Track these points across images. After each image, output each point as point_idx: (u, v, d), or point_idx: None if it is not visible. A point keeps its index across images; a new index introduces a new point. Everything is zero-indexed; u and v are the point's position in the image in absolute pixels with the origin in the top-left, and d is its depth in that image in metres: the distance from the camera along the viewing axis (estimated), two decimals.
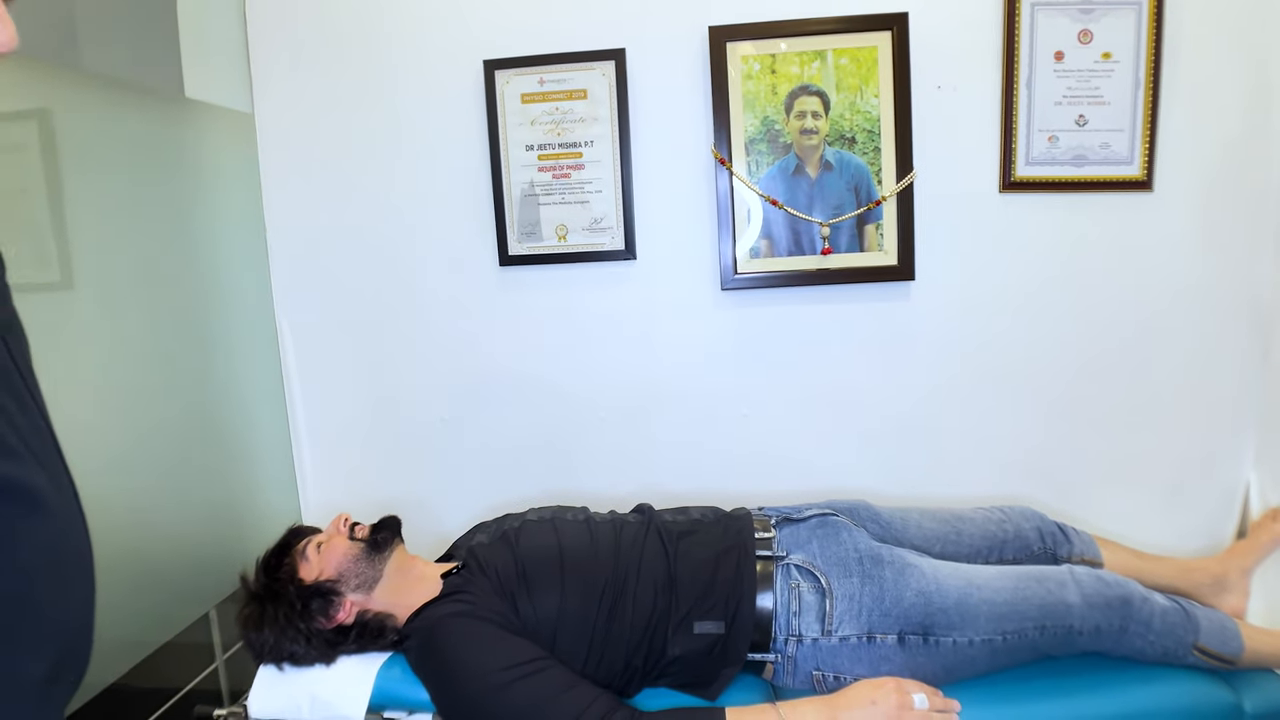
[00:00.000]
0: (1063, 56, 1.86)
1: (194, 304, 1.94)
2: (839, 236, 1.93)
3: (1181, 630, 1.30)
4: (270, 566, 1.38)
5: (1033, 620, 1.28)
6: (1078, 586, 1.31)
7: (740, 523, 1.43)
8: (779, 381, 2.01)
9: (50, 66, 1.63)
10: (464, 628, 1.26)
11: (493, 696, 1.19)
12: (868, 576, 1.30)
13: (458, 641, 1.25)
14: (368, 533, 1.41)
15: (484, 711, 1.20)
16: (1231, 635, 1.32)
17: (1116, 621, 1.29)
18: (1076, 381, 1.95)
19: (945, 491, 1.93)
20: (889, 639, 1.27)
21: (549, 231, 1.99)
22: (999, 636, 1.27)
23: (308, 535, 1.43)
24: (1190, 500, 1.93)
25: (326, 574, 1.35)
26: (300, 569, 1.36)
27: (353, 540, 1.39)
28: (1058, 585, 1.31)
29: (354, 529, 1.41)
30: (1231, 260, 1.88)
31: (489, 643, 1.24)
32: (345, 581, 1.35)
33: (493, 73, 1.94)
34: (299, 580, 1.34)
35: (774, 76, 1.90)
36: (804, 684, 1.31)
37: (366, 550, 1.37)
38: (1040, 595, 1.30)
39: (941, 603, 1.28)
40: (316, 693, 1.33)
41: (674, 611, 1.30)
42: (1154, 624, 1.30)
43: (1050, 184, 1.90)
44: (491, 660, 1.22)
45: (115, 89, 1.79)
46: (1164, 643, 1.30)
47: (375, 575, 1.36)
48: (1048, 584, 1.32)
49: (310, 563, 1.36)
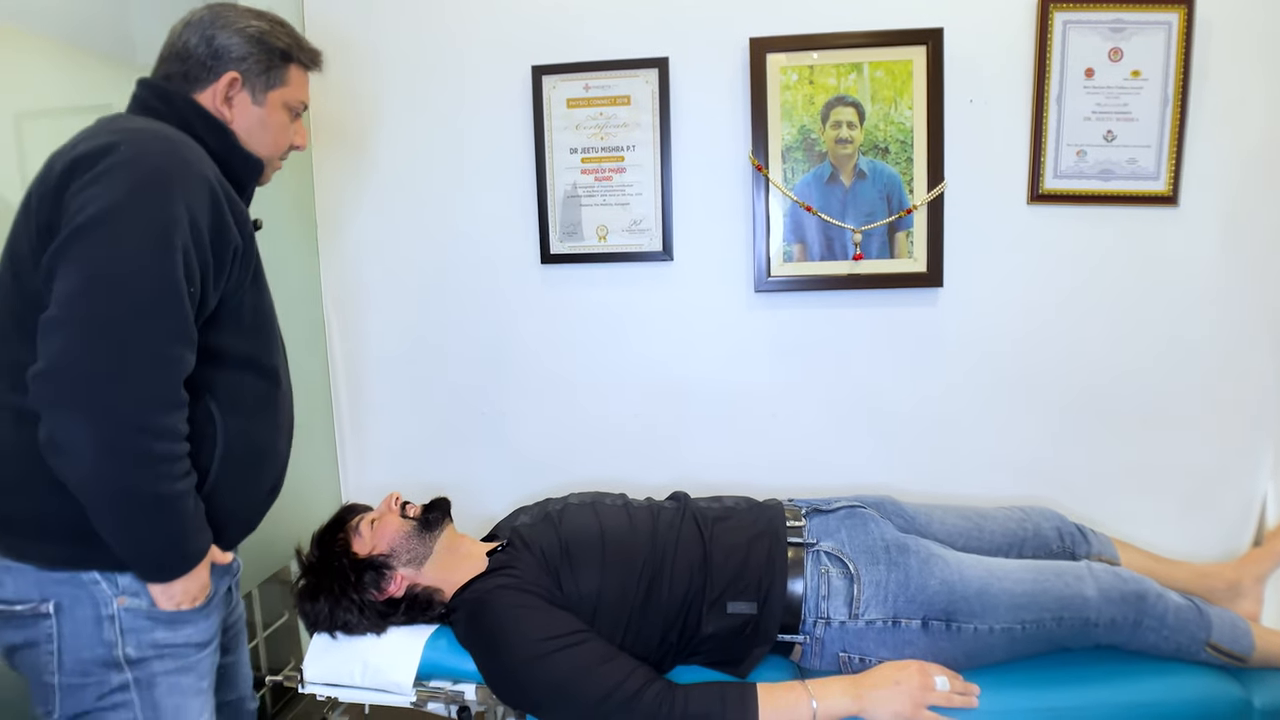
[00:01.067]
0: (1093, 73, 1.92)
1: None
2: (870, 243, 2.00)
3: (1195, 627, 1.36)
4: (325, 541, 1.45)
5: (1051, 611, 1.34)
6: (1095, 581, 1.37)
7: (772, 511, 1.50)
8: (808, 381, 2.08)
9: (109, 60, 1.70)
10: (510, 599, 1.33)
11: (535, 665, 1.27)
12: (894, 564, 1.37)
13: (503, 612, 1.32)
14: (419, 512, 1.48)
15: (527, 679, 1.28)
16: (1243, 634, 1.37)
17: (1131, 615, 1.35)
18: (1098, 389, 2.00)
19: (967, 492, 1.99)
20: (913, 624, 1.34)
21: (590, 232, 2.07)
22: (1018, 625, 1.33)
23: (360, 512, 1.51)
24: (1208, 508, 1.98)
25: (379, 549, 1.42)
26: (354, 544, 1.43)
27: (404, 519, 1.46)
28: (1075, 579, 1.37)
29: (405, 507, 1.49)
30: (1253, 276, 1.93)
31: (533, 614, 1.31)
32: (397, 557, 1.42)
33: (540, 78, 2.03)
34: (353, 554, 1.42)
35: (811, 87, 1.97)
36: (830, 665, 1.38)
37: (418, 528, 1.45)
38: (1058, 588, 1.36)
39: (964, 591, 1.34)
40: (368, 660, 1.41)
41: (708, 591, 1.37)
42: (1168, 619, 1.35)
43: (1077, 197, 1.95)
44: (535, 630, 1.29)
45: None
46: (1177, 638, 1.35)
47: (425, 552, 1.44)
48: (1066, 577, 1.38)
49: (364, 538, 1.44)
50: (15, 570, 1.03)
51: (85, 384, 0.93)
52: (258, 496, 1.21)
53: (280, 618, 2.38)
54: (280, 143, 1.24)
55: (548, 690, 1.27)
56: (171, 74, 1.17)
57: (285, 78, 1.21)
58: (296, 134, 1.27)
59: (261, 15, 1.21)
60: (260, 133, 1.20)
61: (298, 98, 1.24)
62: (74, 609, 1.04)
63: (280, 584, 2.44)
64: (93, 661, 1.04)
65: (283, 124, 1.23)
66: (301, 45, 1.23)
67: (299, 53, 1.22)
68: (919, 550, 1.39)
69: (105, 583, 1.05)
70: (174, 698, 1.09)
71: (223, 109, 1.17)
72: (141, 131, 1.05)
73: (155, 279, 0.96)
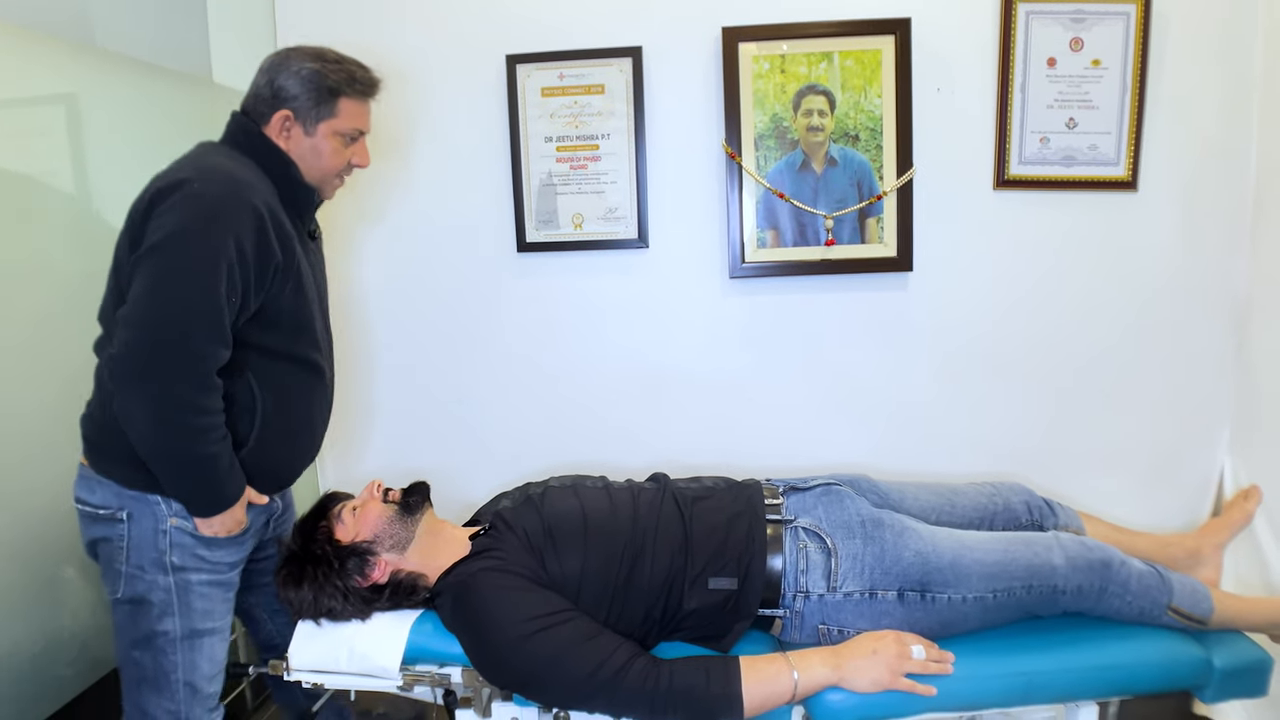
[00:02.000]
0: (1055, 62, 1.97)
1: None
2: (842, 229, 2.04)
3: (1157, 592, 1.41)
4: (307, 530, 1.45)
5: (1020, 580, 1.39)
6: (1062, 550, 1.42)
7: (750, 490, 1.53)
8: (783, 365, 2.11)
9: (75, 48, 1.68)
10: (495, 580, 1.35)
11: (521, 645, 1.29)
12: (870, 538, 1.41)
13: (488, 593, 1.34)
14: (400, 496, 1.49)
15: (513, 659, 1.29)
16: (1203, 597, 1.43)
17: (1097, 582, 1.40)
18: (1064, 369, 2.06)
19: (939, 470, 2.04)
20: (889, 595, 1.37)
21: (565, 220, 2.09)
22: (990, 594, 1.38)
23: (342, 500, 1.51)
24: (1169, 482, 2.06)
25: (362, 535, 1.43)
26: (336, 530, 1.44)
27: (386, 503, 1.47)
28: (1044, 548, 1.42)
29: (387, 493, 1.49)
30: (1210, 258, 2.00)
31: (518, 594, 1.33)
32: (380, 542, 1.43)
33: (514, 67, 2.04)
34: (336, 541, 1.42)
35: (783, 76, 2.00)
36: (810, 637, 1.41)
37: (399, 512, 1.46)
38: (1028, 557, 1.40)
39: (937, 562, 1.38)
40: (354, 645, 1.41)
41: (690, 569, 1.40)
42: (1131, 585, 1.40)
43: (1041, 182, 2.01)
44: (520, 610, 1.31)
45: (142, 72, 1.85)
46: (1140, 603, 1.41)
47: (408, 536, 1.45)
48: (1035, 547, 1.42)
49: (346, 525, 1.44)
50: (104, 484, 1.36)
51: (141, 370, 1.23)
52: (290, 460, 1.51)
53: None
54: (333, 165, 1.46)
55: (534, 669, 1.29)
56: (249, 110, 1.43)
57: (335, 110, 1.42)
58: (356, 155, 1.48)
59: (320, 56, 1.42)
60: (313, 159, 1.44)
61: (349, 125, 1.44)
62: (140, 520, 1.35)
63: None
64: (149, 561, 1.36)
65: (335, 149, 1.44)
66: (354, 79, 1.43)
67: (347, 87, 1.42)
68: (894, 524, 1.43)
69: (164, 505, 1.36)
70: (203, 602, 1.40)
71: (281, 140, 1.41)
72: (213, 170, 1.32)
73: (200, 293, 1.24)
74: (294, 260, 1.38)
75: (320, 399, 1.52)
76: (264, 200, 1.32)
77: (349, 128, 1.44)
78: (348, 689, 1.49)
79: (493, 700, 1.44)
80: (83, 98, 1.67)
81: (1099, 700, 1.42)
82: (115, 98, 1.76)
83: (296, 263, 1.39)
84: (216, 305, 1.25)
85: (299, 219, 1.46)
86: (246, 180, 1.32)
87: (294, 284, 1.39)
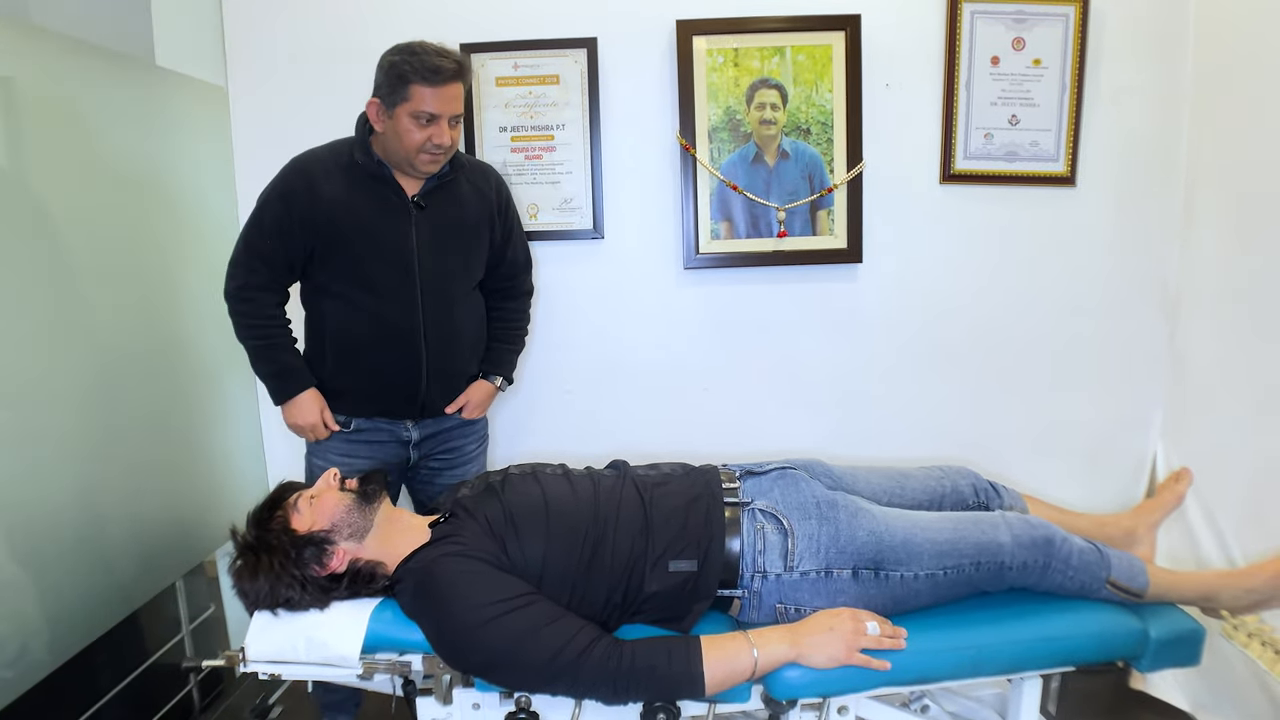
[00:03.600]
0: (998, 61, 2.04)
1: (162, 278, 1.96)
2: (793, 221, 2.07)
3: (1096, 567, 1.47)
4: (262, 520, 1.43)
5: (969, 557, 1.43)
6: (1008, 528, 1.47)
7: (708, 475, 1.55)
8: (737, 355, 2.15)
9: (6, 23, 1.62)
10: (456, 565, 1.34)
11: (483, 629, 1.28)
12: (825, 519, 1.44)
13: (451, 579, 1.33)
14: (357, 485, 1.47)
15: (475, 642, 1.29)
16: (1139, 572, 1.50)
17: (1041, 558, 1.45)
18: (1006, 358, 2.14)
19: (890, 455, 2.08)
20: (845, 574, 1.41)
21: (521, 210, 2.08)
22: (940, 571, 1.42)
23: (298, 490, 1.49)
24: (1106, 465, 2.15)
25: (320, 525, 1.40)
26: (293, 520, 1.41)
27: (343, 491, 1.45)
28: (991, 527, 1.47)
29: (344, 482, 1.48)
30: (1142, 250, 2.09)
31: (479, 579, 1.33)
32: (338, 531, 1.41)
33: (469, 55, 2.02)
34: (292, 531, 1.40)
35: (736, 69, 2.03)
36: (767, 617, 1.43)
37: (357, 501, 1.44)
38: (976, 535, 1.45)
39: (890, 541, 1.42)
40: (312, 635, 1.39)
41: (650, 553, 1.41)
42: (1073, 560, 1.46)
43: (985, 177, 2.07)
44: (482, 595, 1.31)
45: (82, 53, 1.79)
46: (1081, 578, 1.46)
47: (366, 525, 1.43)
48: (982, 525, 1.47)
49: (303, 515, 1.41)
50: None
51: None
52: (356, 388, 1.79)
53: (206, 610, 2.32)
54: (410, 143, 1.63)
55: (497, 653, 1.29)
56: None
57: (408, 94, 1.60)
58: (436, 135, 1.63)
59: (405, 49, 1.62)
60: (392, 139, 1.65)
61: (419, 108, 1.61)
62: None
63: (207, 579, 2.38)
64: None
65: (409, 130, 1.62)
66: (423, 66, 1.59)
67: (416, 76, 1.59)
68: (848, 505, 1.47)
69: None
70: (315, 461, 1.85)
71: (378, 124, 1.67)
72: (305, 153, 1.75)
73: (251, 229, 1.73)
74: (342, 223, 1.69)
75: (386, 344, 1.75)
76: (324, 172, 1.70)
77: (420, 110, 1.61)
78: (305, 679, 1.46)
79: (454, 687, 1.43)
80: (16, 78, 1.61)
81: (1043, 673, 1.47)
82: (49, 77, 1.70)
83: (356, 225, 1.69)
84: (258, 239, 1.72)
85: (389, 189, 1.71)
86: (313, 159, 1.73)
87: (345, 242, 1.70)
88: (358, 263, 1.72)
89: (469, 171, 1.82)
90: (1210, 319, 1.97)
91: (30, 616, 1.59)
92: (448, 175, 1.75)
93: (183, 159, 2.04)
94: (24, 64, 1.63)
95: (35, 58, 1.66)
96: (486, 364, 1.91)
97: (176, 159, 2.03)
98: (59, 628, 1.66)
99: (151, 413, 1.95)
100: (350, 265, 1.72)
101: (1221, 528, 1.86)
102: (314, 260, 1.73)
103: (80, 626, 1.72)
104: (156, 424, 1.98)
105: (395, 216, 1.72)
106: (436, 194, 1.75)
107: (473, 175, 1.82)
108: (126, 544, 1.88)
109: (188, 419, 2.06)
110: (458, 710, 1.43)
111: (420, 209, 1.73)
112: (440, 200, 1.75)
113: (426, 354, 1.77)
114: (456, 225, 1.78)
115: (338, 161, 1.71)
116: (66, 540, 1.70)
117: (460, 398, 1.86)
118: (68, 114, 1.73)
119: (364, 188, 1.70)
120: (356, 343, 1.75)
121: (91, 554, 1.76)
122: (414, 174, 1.71)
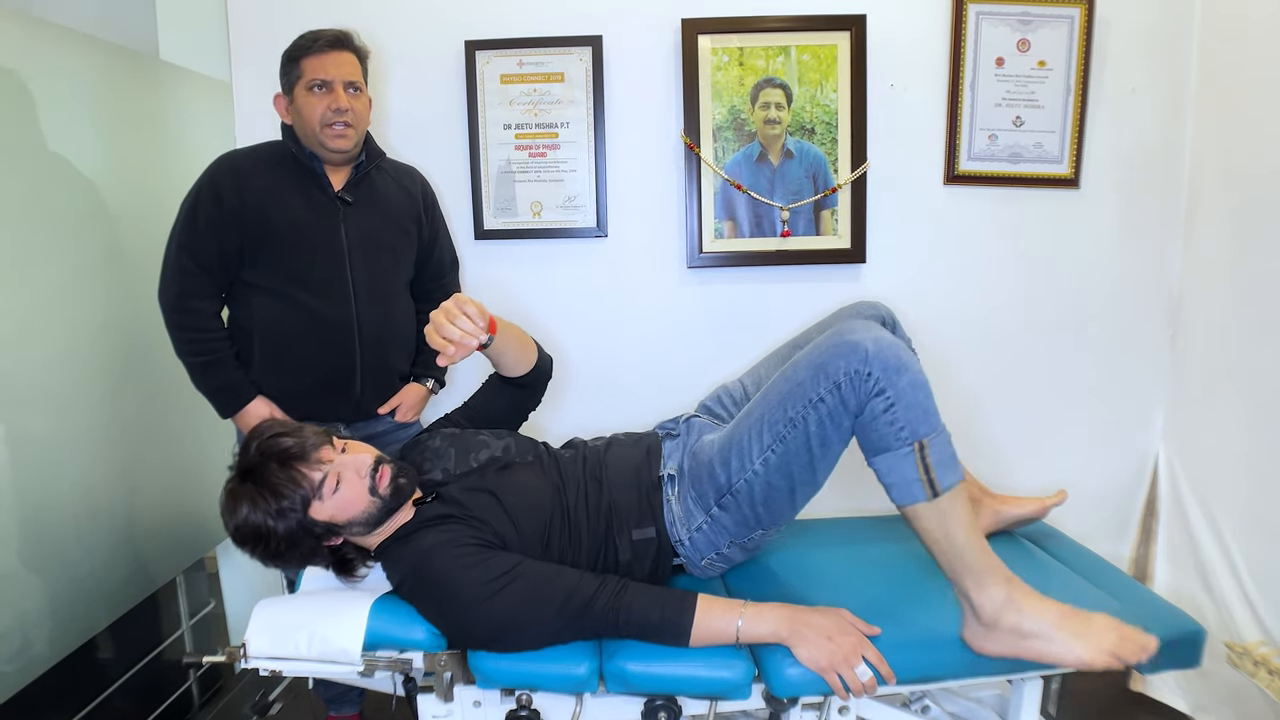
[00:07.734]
0: (1003, 62, 2.04)
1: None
2: (797, 220, 2.07)
3: (925, 423, 1.25)
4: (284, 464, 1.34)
5: (780, 419, 1.32)
6: (875, 340, 1.25)
7: (649, 440, 1.60)
8: (739, 354, 2.13)
9: (10, 17, 1.62)
10: (449, 554, 1.35)
11: (488, 604, 1.30)
12: (693, 471, 1.48)
13: (447, 566, 1.34)
14: (388, 489, 1.40)
15: (483, 618, 1.31)
16: (955, 471, 1.27)
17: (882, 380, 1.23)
18: (1008, 358, 2.14)
19: None
20: (714, 511, 1.44)
21: (524, 207, 2.08)
22: (768, 451, 1.35)
23: (324, 443, 1.38)
24: (1107, 466, 2.15)
25: (337, 520, 1.38)
26: (313, 507, 1.36)
27: (373, 497, 1.38)
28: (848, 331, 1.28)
29: (376, 478, 1.39)
30: (1146, 252, 2.10)
31: (474, 561, 1.34)
32: (349, 527, 1.40)
33: (474, 53, 2.02)
34: (309, 517, 1.36)
35: (741, 69, 2.03)
36: (707, 573, 1.52)
37: (382, 508, 1.40)
38: (783, 391, 1.33)
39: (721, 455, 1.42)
40: (315, 629, 1.39)
41: (614, 525, 1.48)
42: (906, 397, 1.23)
43: (989, 178, 2.07)
44: (480, 575, 1.32)
45: (86, 46, 1.79)
46: (907, 416, 1.25)
47: (379, 525, 1.43)
48: (831, 340, 1.29)
49: (325, 504, 1.36)
50: None
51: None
52: (294, 388, 1.74)
53: (206, 605, 2.32)
54: (312, 117, 1.65)
55: (504, 623, 1.31)
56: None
57: (300, 70, 1.65)
58: (333, 101, 1.64)
59: (302, 36, 1.67)
60: (299, 123, 1.69)
61: (312, 78, 1.64)
62: None
63: (207, 574, 2.38)
64: None
65: (308, 104, 1.65)
66: (305, 40, 1.66)
67: (299, 51, 1.65)
68: (703, 449, 1.49)
69: None
70: None
71: (287, 118, 1.72)
72: (230, 151, 1.75)
73: (183, 228, 1.67)
74: (272, 215, 1.66)
75: (319, 340, 1.71)
76: (250, 168, 1.68)
77: (312, 79, 1.64)
78: (305, 675, 1.46)
79: (455, 685, 1.43)
80: (20, 70, 1.61)
81: (1043, 674, 1.47)
82: (54, 71, 1.70)
83: (285, 218, 1.67)
84: (185, 242, 1.67)
85: (315, 184, 1.70)
86: (241, 155, 1.72)
87: (276, 237, 1.67)
88: (289, 257, 1.69)
89: (394, 171, 1.84)
90: (1213, 320, 1.98)
91: (31, 611, 1.60)
92: (367, 165, 1.75)
93: (186, 154, 2.04)
94: (28, 58, 1.63)
95: (39, 52, 1.66)
96: (418, 366, 1.89)
97: (180, 154, 2.03)
98: (60, 622, 1.66)
99: (152, 409, 1.96)
100: (281, 259, 1.69)
101: (1222, 528, 1.86)
102: (244, 255, 1.69)
103: (81, 622, 1.72)
104: (157, 420, 1.98)
105: (323, 211, 1.71)
106: (362, 188, 1.75)
107: (398, 175, 1.85)
108: (127, 540, 1.88)
109: (188, 416, 2.06)
110: (459, 708, 1.43)
111: (347, 204, 1.72)
112: (367, 196, 1.75)
113: (361, 350, 1.75)
114: (384, 221, 1.78)
115: (264, 157, 1.71)
116: (67, 536, 1.70)
117: (393, 399, 1.85)
118: (70, 108, 1.73)
119: (291, 183, 1.69)
120: (288, 339, 1.71)
121: (92, 550, 1.76)
122: (330, 157, 1.70)
